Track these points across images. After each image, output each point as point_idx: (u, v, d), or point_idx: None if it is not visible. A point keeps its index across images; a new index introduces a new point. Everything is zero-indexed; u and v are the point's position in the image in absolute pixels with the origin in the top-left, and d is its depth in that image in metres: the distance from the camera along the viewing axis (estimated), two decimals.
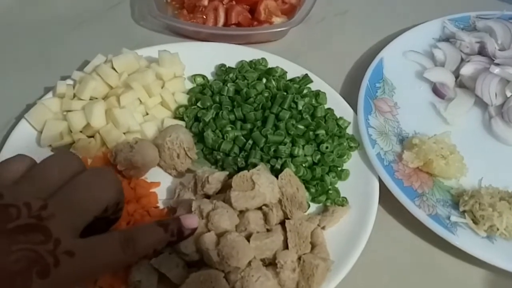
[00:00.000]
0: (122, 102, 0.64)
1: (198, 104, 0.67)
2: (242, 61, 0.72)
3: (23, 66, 0.76)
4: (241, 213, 0.54)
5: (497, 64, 0.71)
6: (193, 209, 0.54)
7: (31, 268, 0.35)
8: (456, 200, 0.60)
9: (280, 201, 0.57)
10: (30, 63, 0.76)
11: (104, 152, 0.62)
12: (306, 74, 0.70)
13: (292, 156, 0.61)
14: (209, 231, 0.52)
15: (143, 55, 0.71)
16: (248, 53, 0.73)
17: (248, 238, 0.52)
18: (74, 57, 0.75)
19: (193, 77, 0.71)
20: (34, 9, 0.84)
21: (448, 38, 0.77)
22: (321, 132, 0.63)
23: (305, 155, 0.62)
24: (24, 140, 0.63)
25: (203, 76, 0.71)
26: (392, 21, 0.82)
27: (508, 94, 0.69)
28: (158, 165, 0.62)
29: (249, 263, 0.51)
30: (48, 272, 0.35)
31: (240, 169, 0.60)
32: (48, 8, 0.85)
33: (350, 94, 0.70)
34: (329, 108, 0.67)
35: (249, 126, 0.64)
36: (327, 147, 0.62)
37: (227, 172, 0.59)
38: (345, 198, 0.60)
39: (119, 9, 0.85)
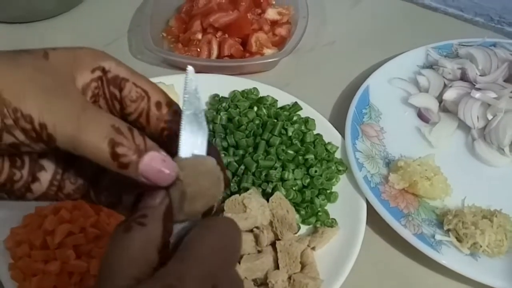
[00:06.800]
0: None
1: None
2: (234, 90, 0.75)
3: None
4: None
5: (478, 89, 0.73)
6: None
7: None
8: (441, 219, 0.62)
9: (271, 222, 0.59)
10: None
11: None
12: (296, 102, 0.74)
13: (282, 180, 0.64)
14: None
15: None
16: (240, 83, 0.76)
17: (239, 260, 0.54)
18: None
19: None
20: (36, 46, 0.88)
21: (431, 65, 0.81)
22: (310, 156, 0.66)
23: (295, 179, 0.64)
24: None
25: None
26: (378, 50, 0.85)
27: (490, 117, 0.72)
28: None
29: None
30: None
31: (232, 194, 0.62)
32: (49, 44, 0.89)
33: (338, 120, 0.73)
34: (318, 134, 0.70)
35: (241, 152, 0.67)
36: (316, 171, 0.65)
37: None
38: (334, 219, 0.63)
39: (117, 43, 0.88)
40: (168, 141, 0.31)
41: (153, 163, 0.28)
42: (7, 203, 0.61)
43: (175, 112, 0.31)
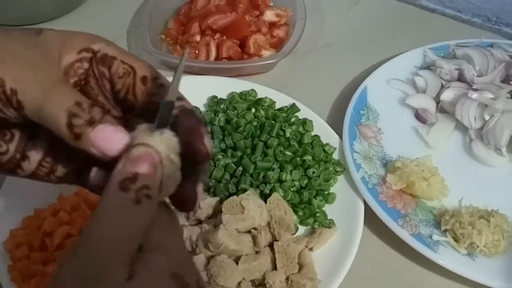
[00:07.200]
0: None
1: None
2: (232, 92, 0.75)
3: None
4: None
5: (475, 90, 0.74)
6: (184, 237, 0.56)
7: None
8: (438, 219, 0.63)
9: (268, 223, 0.59)
10: None
11: None
12: (294, 103, 0.74)
13: (280, 181, 0.64)
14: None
15: None
16: (239, 85, 0.77)
17: (237, 261, 0.55)
18: None
19: None
20: None
21: (429, 66, 0.81)
22: (308, 157, 0.66)
23: (293, 180, 0.65)
24: None
25: (196, 108, 0.74)
26: (376, 51, 0.85)
27: (487, 117, 0.72)
28: None
29: (239, 284, 0.53)
30: None
31: (231, 195, 0.63)
32: None
33: (336, 121, 0.73)
34: (315, 135, 0.71)
35: (239, 153, 0.67)
36: (314, 172, 0.65)
37: (218, 198, 0.62)
38: (332, 220, 0.63)
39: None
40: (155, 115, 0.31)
41: (104, 132, 0.28)
42: (6, 205, 0.62)
43: (161, 86, 0.31)
